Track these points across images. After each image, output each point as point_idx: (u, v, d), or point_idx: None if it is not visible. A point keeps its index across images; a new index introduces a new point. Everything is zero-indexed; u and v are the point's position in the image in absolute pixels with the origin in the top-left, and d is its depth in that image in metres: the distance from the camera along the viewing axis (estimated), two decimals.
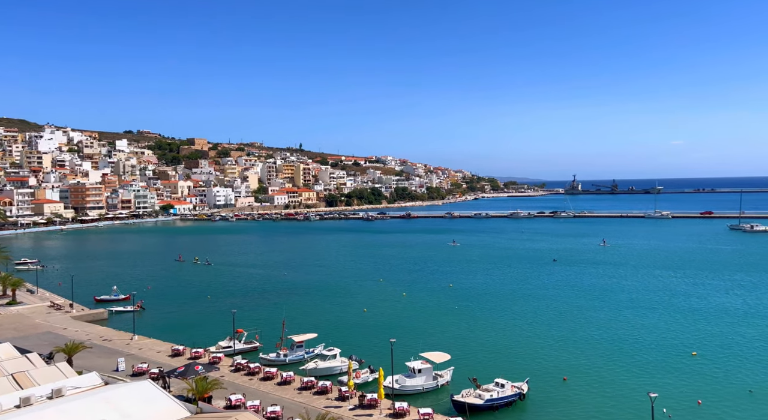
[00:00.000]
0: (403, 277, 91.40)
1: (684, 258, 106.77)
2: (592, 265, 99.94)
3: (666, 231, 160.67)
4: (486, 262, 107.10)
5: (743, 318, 60.96)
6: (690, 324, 58.91)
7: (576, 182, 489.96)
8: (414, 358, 43.85)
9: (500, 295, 75.95)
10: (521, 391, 39.83)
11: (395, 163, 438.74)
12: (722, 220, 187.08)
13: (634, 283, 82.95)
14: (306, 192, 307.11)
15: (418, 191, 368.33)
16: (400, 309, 68.83)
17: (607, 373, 44.55)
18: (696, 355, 48.37)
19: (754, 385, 41.08)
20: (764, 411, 36.87)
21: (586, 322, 60.45)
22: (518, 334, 56.72)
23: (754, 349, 50.07)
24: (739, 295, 72.68)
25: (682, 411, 36.80)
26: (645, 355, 48.84)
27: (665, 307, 67.00)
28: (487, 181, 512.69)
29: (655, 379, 42.96)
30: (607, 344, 52.38)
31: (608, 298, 72.28)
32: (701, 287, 78.53)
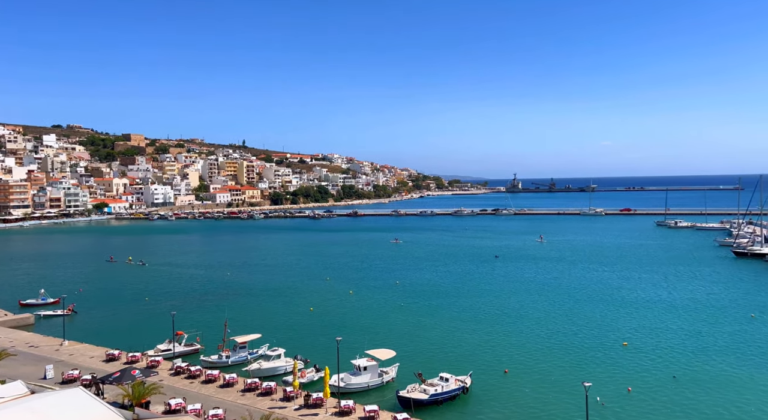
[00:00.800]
0: (351, 276, 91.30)
1: (615, 253, 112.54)
2: (532, 261, 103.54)
3: (599, 227, 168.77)
4: (432, 259, 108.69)
5: (668, 308, 64.96)
6: (621, 315, 62.17)
7: (516, 181, 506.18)
8: (360, 355, 43.90)
9: (445, 291, 77.31)
10: (465, 384, 40.71)
11: (342, 161, 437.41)
12: (649, 216, 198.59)
13: (571, 277, 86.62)
14: (250, 190, 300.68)
15: (365, 189, 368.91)
16: (347, 307, 68.73)
17: (546, 365, 46.30)
18: (627, 345, 51.07)
19: (677, 371, 43.87)
20: (686, 395, 39.43)
21: (526, 316, 62.57)
22: (462, 328, 57.95)
23: (678, 337, 53.47)
24: (664, 287, 77.41)
25: (614, 398, 38.80)
26: (580, 347, 51.11)
27: (599, 300, 70.38)
28: (433, 179, 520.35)
29: (590, 369, 45.06)
30: (546, 337, 54.44)
31: (547, 293, 75.11)
32: (631, 280, 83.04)
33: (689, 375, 43.17)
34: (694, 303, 67.42)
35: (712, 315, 61.45)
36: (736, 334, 54.10)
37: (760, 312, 62.16)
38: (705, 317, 60.57)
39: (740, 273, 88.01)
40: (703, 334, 54.29)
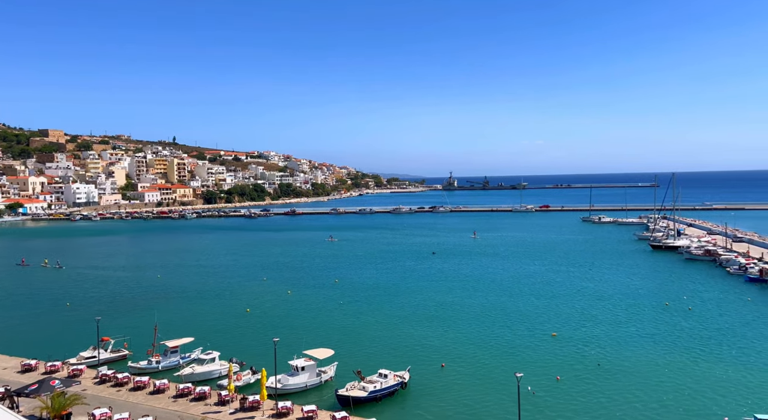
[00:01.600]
0: (289, 275, 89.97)
1: (545, 247, 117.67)
2: (467, 257, 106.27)
3: (530, 223, 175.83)
4: (371, 257, 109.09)
5: (593, 299, 68.70)
6: (551, 307, 65.07)
7: (452, 179, 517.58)
8: (297, 356, 43.39)
9: (384, 288, 77.83)
10: (403, 380, 41.20)
11: (279, 158, 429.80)
12: (575, 213, 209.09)
13: (503, 272, 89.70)
14: (181, 188, 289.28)
15: (303, 187, 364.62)
16: (285, 307, 67.68)
17: (480, 357, 47.68)
18: (556, 335, 53.51)
19: (602, 359, 46.46)
20: (610, 381, 41.81)
21: (462, 310, 64.16)
22: (401, 325, 58.58)
23: (602, 326, 56.64)
24: (589, 280, 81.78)
25: (544, 387, 40.54)
26: (513, 338, 53.03)
27: (530, 293, 73.31)
28: (372, 177, 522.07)
29: (521, 359, 46.84)
30: (481, 330, 56.06)
31: (481, 287, 77.36)
32: (560, 274, 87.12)
33: (612, 362, 45.82)
34: (616, 293, 71.68)
35: (632, 304, 65.57)
36: (653, 321, 58.03)
37: (673, 301, 67.00)
38: (626, 307, 64.54)
39: (656, 264, 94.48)
40: (624, 322, 57.83)
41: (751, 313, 60.25)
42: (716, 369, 43.53)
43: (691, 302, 65.79)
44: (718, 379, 41.50)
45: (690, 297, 68.72)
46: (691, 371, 43.21)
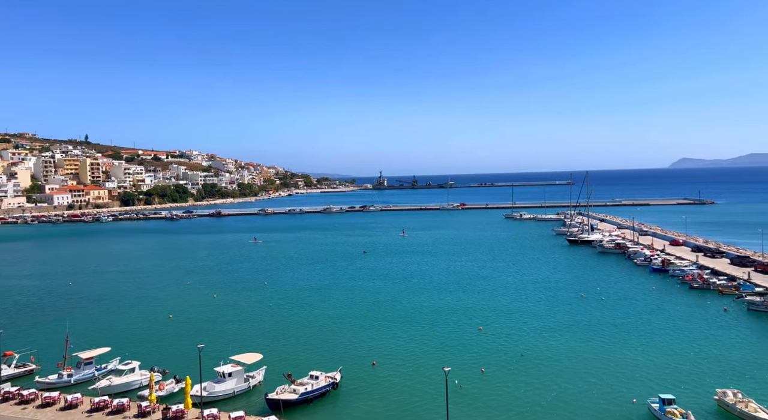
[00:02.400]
0: (214, 279, 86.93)
1: (471, 244, 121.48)
2: (397, 255, 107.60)
3: (457, 221, 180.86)
4: (301, 258, 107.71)
5: (516, 293, 71.77)
6: (478, 302, 67.25)
7: (382, 178, 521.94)
8: (224, 362, 42.07)
9: (315, 289, 77.12)
10: (335, 380, 41.03)
11: (202, 158, 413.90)
12: (499, 210, 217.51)
13: (432, 269, 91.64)
14: (95, 190, 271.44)
15: (229, 188, 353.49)
16: (211, 312, 65.33)
17: (410, 354, 48.42)
18: (482, 329, 55.38)
19: (524, 350, 48.63)
20: (532, 370, 43.83)
21: (393, 308, 64.86)
22: (333, 325, 58.28)
23: (525, 318, 59.31)
24: (512, 273, 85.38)
25: (470, 380, 41.83)
26: (441, 334, 54.29)
27: (457, 288, 75.38)
28: (301, 177, 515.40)
29: (449, 354, 48.06)
30: (411, 327, 56.94)
31: (411, 285, 78.57)
32: (485, 269, 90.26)
33: (534, 352, 48.06)
34: (537, 287, 75.30)
35: (552, 297, 69.15)
36: (570, 312, 61.49)
37: (588, 292, 71.36)
38: (546, 299, 67.96)
39: (572, 258, 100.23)
40: (545, 314, 60.87)
41: (655, 301, 65.37)
42: (626, 354, 46.82)
43: (604, 293, 70.36)
44: (628, 363, 44.65)
45: (603, 288, 73.47)
46: (605, 357, 46.19)
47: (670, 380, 40.62)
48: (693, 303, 63.89)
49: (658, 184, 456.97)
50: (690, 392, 38.21)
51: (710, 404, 36.10)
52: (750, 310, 59.07)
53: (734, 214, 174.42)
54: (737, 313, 58.67)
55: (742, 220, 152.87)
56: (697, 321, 56.24)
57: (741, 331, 52.64)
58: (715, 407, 35.65)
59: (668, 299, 66.12)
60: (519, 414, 35.88)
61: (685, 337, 50.80)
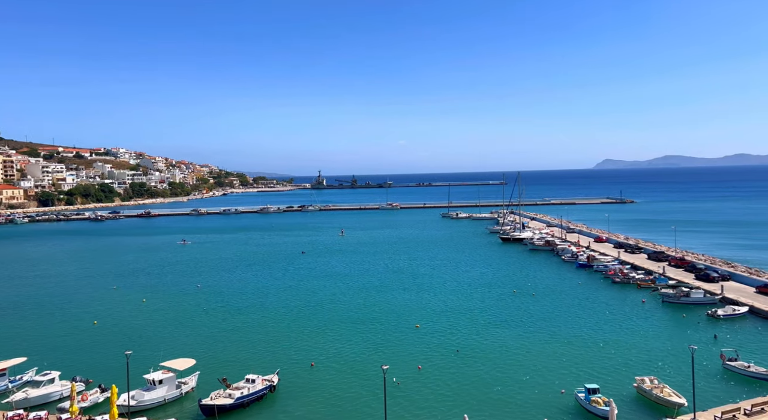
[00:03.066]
0: (144, 282, 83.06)
1: (409, 243, 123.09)
2: (336, 255, 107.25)
3: (395, 220, 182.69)
4: (237, 259, 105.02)
5: (452, 290, 73.46)
6: (416, 300, 68.24)
7: (321, 177, 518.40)
8: (154, 368, 40.34)
9: (252, 291, 75.45)
10: (272, 383, 40.36)
11: (130, 156, 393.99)
12: (436, 209, 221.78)
13: (371, 268, 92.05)
14: (9, 189, 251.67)
15: (159, 187, 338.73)
16: (140, 317, 62.39)
17: (349, 353, 48.44)
18: (419, 327, 56.26)
19: (460, 346, 49.88)
20: (467, 365, 45.05)
21: (331, 308, 64.60)
22: (270, 327, 57.27)
23: (460, 314, 60.83)
24: (449, 271, 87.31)
25: (407, 378, 42.41)
26: (380, 332, 54.68)
27: (396, 287, 76.15)
28: (236, 176, 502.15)
29: (387, 352, 48.51)
30: (350, 326, 56.94)
31: (350, 284, 78.56)
32: (422, 267, 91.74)
33: (469, 347, 49.41)
34: (473, 284, 77.41)
35: (486, 293, 71.35)
36: (504, 308, 63.70)
37: (520, 288, 74.21)
38: (481, 295, 70.03)
39: (505, 255, 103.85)
40: (480, 310, 62.71)
41: (581, 296, 68.97)
42: (555, 346, 49.10)
43: (534, 288, 73.41)
44: (557, 355, 46.84)
45: (533, 284, 76.64)
46: (535, 350, 48.22)
47: (595, 370, 42.99)
48: (615, 296, 67.94)
49: (583, 184, 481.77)
50: (612, 381, 40.61)
51: (630, 391, 38.54)
52: (664, 302, 63.56)
53: (651, 212, 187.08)
54: (653, 305, 62.98)
55: (659, 218, 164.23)
56: (619, 313, 59.87)
57: (656, 321, 56.58)
58: (635, 394, 38.09)
59: (593, 293, 69.95)
60: (454, 408, 36.77)
61: (608, 329, 53.95)
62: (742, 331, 52.20)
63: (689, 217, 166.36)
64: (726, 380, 40.22)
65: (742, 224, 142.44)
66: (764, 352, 45.77)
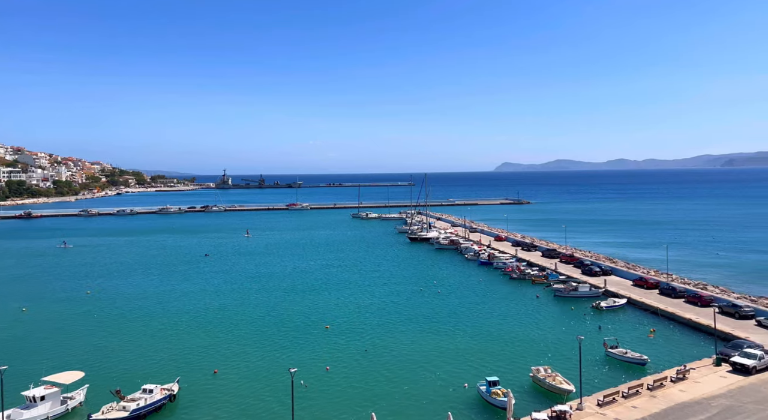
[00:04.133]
0: (23, 290, 75.25)
1: (320, 243, 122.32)
2: (243, 257, 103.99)
3: (306, 221, 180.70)
4: (136, 263, 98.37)
5: (362, 289, 74.04)
6: (326, 301, 67.93)
7: (226, 177, 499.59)
8: (35, 384, 36.71)
9: (151, 296, 71.03)
10: (171, 392, 38.33)
11: (6, 151, 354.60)
12: (347, 209, 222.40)
13: (280, 270, 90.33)
14: None
15: (42, 186, 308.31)
16: (19, 328, 56.45)
17: (255, 358, 47.18)
18: (329, 327, 56.10)
19: (368, 345, 50.41)
20: (375, 365, 45.59)
21: (238, 312, 62.53)
22: (168, 333, 54.26)
23: (369, 313, 61.48)
24: (358, 271, 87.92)
25: (315, 379, 42.12)
26: (289, 335, 53.81)
27: (306, 288, 75.35)
28: (132, 174, 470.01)
29: (296, 355, 47.87)
30: (257, 330, 55.47)
31: (257, 287, 76.52)
32: (333, 268, 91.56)
33: (378, 346, 50.07)
34: (382, 283, 78.56)
35: (395, 292, 72.72)
36: (411, 306, 65.29)
37: (426, 286, 76.46)
38: (389, 294, 71.25)
39: (413, 255, 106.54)
40: (388, 309, 63.78)
41: (482, 292, 72.50)
42: (459, 341, 51.17)
43: (440, 286, 76.02)
44: (460, 350, 48.84)
45: (439, 281, 79.32)
46: (440, 346, 49.93)
47: (495, 363, 45.36)
48: (512, 292, 72.17)
49: (485, 186, 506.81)
50: (511, 372, 43.08)
51: (527, 381, 41.12)
52: (556, 296, 68.58)
53: (545, 212, 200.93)
54: (546, 299, 67.72)
55: (551, 217, 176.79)
56: (516, 308, 63.69)
57: (549, 314, 60.89)
58: (531, 383, 40.72)
59: (493, 289, 73.79)
60: (362, 407, 37.09)
61: (507, 323, 57.19)
62: (621, 321, 57.67)
63: (577, 216, 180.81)
64: (608, 366, 44.22)
65: (622, 223, 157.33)
66: (640, 339, 50.91)
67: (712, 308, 54.30)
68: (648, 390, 37.42)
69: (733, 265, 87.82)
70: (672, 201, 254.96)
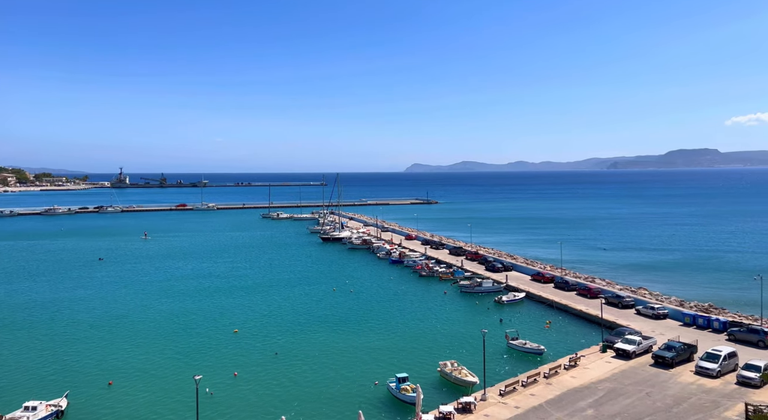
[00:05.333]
0: None
1: (228, 245, 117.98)
2: (142, 261, 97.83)
3: (212, 221, 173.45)
4: (18, 269, 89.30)
5: (274, 291, 72.43)
6: (235, 304, 65.64)
7: (123, 175, 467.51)
8: None
9: (37, 306, 64.71)
10: (59, 408, 35.19)
11: None
12: (256, 210, 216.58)
13: (182, 273, 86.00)
14: None
15: None
16: None
17: (156, 366, 44.55)
18: (237, 331, 54.25)
19: (278, 348, 49.38)
20: (286, 367, 44.79)
21: (137, 319, 58.69)
22: (59, 344, 49.70)
23: (281, 316, 60.28)
24: (270, 272, 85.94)
25: (223, 386, 40.59)
26: (194, 341, 51.36)
27: (214, 292, 72.32)
28: (12, 172, 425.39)
29: (202, 361, 45.82)
30: (157, 337, 52.37)
31: (157, 292, 72.31)
32: (242, 269, 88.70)
33: (289, 349, 49.20)
34: (293, 283, 77.36)
35: (307, 292, 71.92)
36: (324, 306, 64.88)
37: (339, 285, 76.46)
38: (301, 295, 70.34)
39: (325, 255, 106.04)
40: (300, 310, 62.92)
41: (393, 290, 73.77)
42: (370, 340, 51.63)
43: (353, 285, 76.32)
44: (371, 348, 49.30)
45: (351, 281, 79.59)
46: (353, 345, 50.08)
47: (405, 359, 46.28)
48: (422, 289, 74.14)
49: (396, 186, 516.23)
50: (420, 368, 44.19)
51: (435, 376, 42.40)
52: (462, 292, 71.41)
53: (452, 212, 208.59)
54: (453, 295, 70.30)
55: (458, 216, 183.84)
56: (425, 304, 65.49)
57: (455, 309, 63.28)
58: (438, 377, 42.05)
59: (403, 287, 75.35)
60: (272, 412, 36.27)
61: (416, 320, 58.63)
62: (521, 314, 61.28)
63: (482, 215, 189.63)
64: (510, 357, 46.80)
65: (522, 221, 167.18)
66: (537, 330, 54.39)
67: (600, 300, 59.32)
68: (544, 378, 40.08)
69: (617, 259, 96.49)
70: (565, 200, 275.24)
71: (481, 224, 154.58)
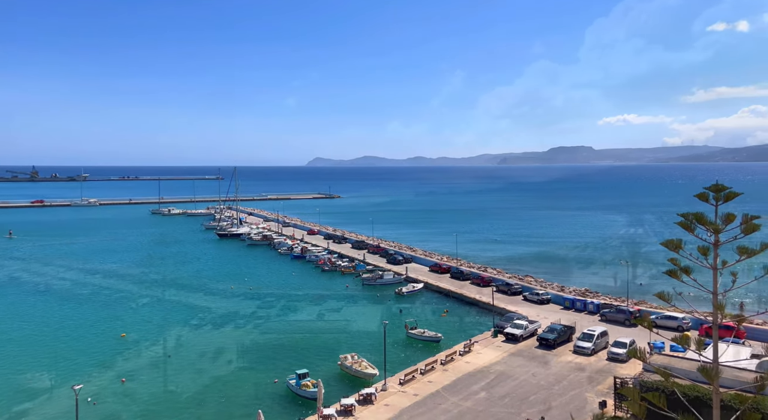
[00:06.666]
0: None
1: (111, 244, 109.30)
2: (7, 262, 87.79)
3: (93, 218, 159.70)
4: None
5: (165, 292, 68.36)
6: (121, 307, 61.07)
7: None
8: None
9: None
10: None
11: None
12: (145, 205, 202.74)
13: (61, 275, 78.57)
14: None
15: None
16: None
17: (27, 379, 40.31)
18: (125, 336, 50.56)
19: (171, 350, 46.83)
20: (179, 370, 42.59)
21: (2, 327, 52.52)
22: None
23: (174, 318, 57.08)
24: (160, 272, 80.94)
25: (108, 394, 37.74)
26: (73, 348, 47.16)
27: (96, 297, 66.81)
28: None
29: (84, 369, 42.24)
30: (28, 346, 47.41)
31: (29, 297, 65.39)
32: (130, 269, 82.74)
33: (183, 350, 46.83)
34: (188, 284, 73.57)
35: (206, 292, 68.73)
36: (220, 305, 62.44)
37: (237, 283, 73.94)
38: (199, 296, 67.08)
39: (223, 252, 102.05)
40: (196, 310, 60.02)
41: (294, 285, 72.86)
42: (270, 337, 50.50)
43: (252, 282, 74.23)
44: (270, 345, 48.27)
45: (251, 278, 77.38)
46: (253, 343, 48.76)
47: (306, 355, 45.93)
48: (324, 284, 73.99)
49: (297, 180, 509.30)
50: (321, 363, 44.09)
51: (335, 369, 42.56)
52: (364, 285, 72.28)
53: (354, 206, 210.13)
54: (355, 289, 70.96)
55: (360, 210, 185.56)
56: (327, 299, 65.43)
57: (357, 302, 63.93)
58: (339, 371, 42.26)
59: (305, 282, 74.69)
60: (166, 417, 34.36)
61: (318, 315, 58.44)
62: (420, 304, 63.36)
63: (383, 209, 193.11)
64: (409, 346, 48.22)
65: (421, 213, 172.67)
66: (435, 319, 56.57)
67: (491, 288, 63.02)
68: (441, 364, 41.83)
69: (507, 249, 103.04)
70: (460, 195, 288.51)
71: (382, 217, 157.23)
